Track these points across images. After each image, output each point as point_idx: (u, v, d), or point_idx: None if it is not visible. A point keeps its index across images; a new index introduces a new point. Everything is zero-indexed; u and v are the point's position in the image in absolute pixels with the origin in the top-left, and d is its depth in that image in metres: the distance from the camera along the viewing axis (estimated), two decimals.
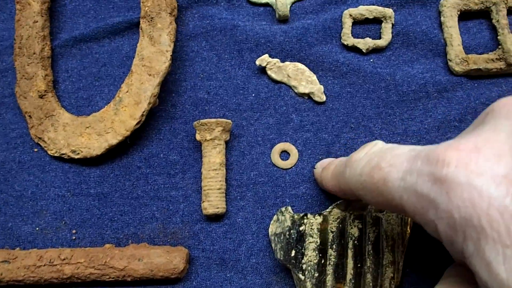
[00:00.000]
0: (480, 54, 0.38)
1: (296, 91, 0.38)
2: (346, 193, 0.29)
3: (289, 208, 0.33)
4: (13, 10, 0.43)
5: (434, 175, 0.19)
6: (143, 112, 0.36)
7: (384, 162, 0.23)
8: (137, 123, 0.36)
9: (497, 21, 0.37)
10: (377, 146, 0.26)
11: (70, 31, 0.42)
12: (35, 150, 0.39)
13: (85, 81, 0.40)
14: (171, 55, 0.37)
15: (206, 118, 0.38)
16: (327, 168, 0.32)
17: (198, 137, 0.36)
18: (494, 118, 0.21)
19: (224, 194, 0.36)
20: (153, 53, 0.37)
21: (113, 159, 0.38)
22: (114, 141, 0.37)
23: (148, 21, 0.38)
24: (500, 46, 0.36)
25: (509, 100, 0.22)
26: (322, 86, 0.38)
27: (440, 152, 0.20)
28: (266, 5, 0.41)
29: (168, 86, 0.39)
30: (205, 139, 0.36)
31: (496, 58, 0.36)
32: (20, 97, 0.39)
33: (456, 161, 0.19)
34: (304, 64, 0.39)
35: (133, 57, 0.40)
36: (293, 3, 0.40)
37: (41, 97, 0.39)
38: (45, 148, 0.38)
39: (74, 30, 0.42)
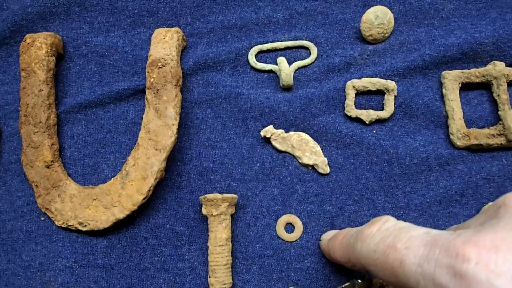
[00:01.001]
0: (481, 127, 0.38)
1: (300, 161, 0.39)
2: (355, 266, 0.29)
3: None
4: (17, 72, 0.43)
5: (454, 268, 0.20)
6: (150, 187, 0.37)
7: (400, 243, 0.24)
8: (144, 198, 0.37)
9: (498, 95, 0.37)
10: (390, 222, 0.27)
11: (75, 96, 0.42)
12: (42, 218, 0.39)
13: (91, 148, 0.41)
14: (177, 128, 0.37)
15: (211, 188, 0.39)
16: (335, 239, 0.33)
17: (204, 211, 0.37)
18: (508, 215, 0.22)
19: (231, 269, 0.36)
20: (159, 126, 0.38)
21: (120, 230, 0.38)
22: (121, 215, 0.37)
23: (154, 93, 0.38)
24: (500, 122, 0.37)
25: None
26: (326, 159, 0.38)
27: (459, 246, 0.21)
28: (270, 71, 0.41)
29: (174, 154, 0.40)
30: (211, 214, 0.36)
31: (497, 134, 0.37)
32: (27, 166, 0.40)
33: (476, 258, 0.20)
34: (308, 133, 0.39)
35: (139, 123, 0.41)
36: (296, 70, 0.41)
37: (47, 167, 0.39)
38: (52, 219, 0.39)
39: (79, 95, 0.42)
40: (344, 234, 0.32)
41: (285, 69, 0.39)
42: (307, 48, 0.41)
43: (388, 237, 0.25)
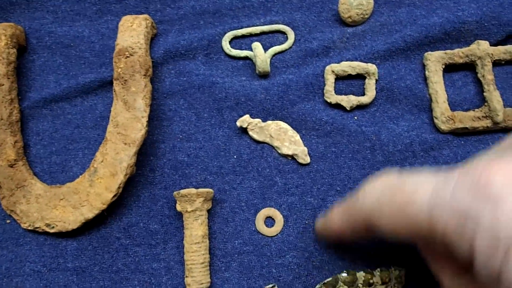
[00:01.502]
0: (466, 110, 0.37)
1: (279, 151, 0.37)
2: (354, 226, 0.28)
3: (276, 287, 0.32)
4: None
5: (477, 190, 0.19)
6: (120, 184, 0.34)
7: (408, 186, 0.23)
8: (114, 196, 0.35)
9: (483, 76, 0.36)
10: (392, 174, 0.25)
11: (40, 90, 0.39)
12: (8, 221, 0.37)
13: (58, 145, 0.38)
14: (147, 121, 0.35)
15: (186, 183, 0.37)
16: (331, 210, 0.31)
17: (178, 207, 0.35)
18: None
19: (208, 267, 0.34)
20: (128, 119, 0.35)
21: (90, 230, 0.36)
22: (90, 214, 0.35)
23: (122, 84, 0.36)
24: (486, 103, 0.35)
25: None
26: (306, 148, 0.36)
27: (482, 168, 0.20)
28: (246, 58, 0.39)
29: (146, 148, 0.38)
30: (186, 211, 0.34)
31: (482, 116, 0.35)
32: None
33: (502, 178, 0.19)
34: (286, 122, 0.37)
35: (108, 117, 0.38)
36: (273, 56, 0.39)
37: (11, 166, 0.37)
38: (18, 221, 0.36)
39: (44, 89, 0.39)
40: (341, 203, 0.31)
41: (261, 55, 0.37)
42: (283, 33, 0.39)
43: (394, 184, 0.24)
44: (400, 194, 0.23)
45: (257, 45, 0.37)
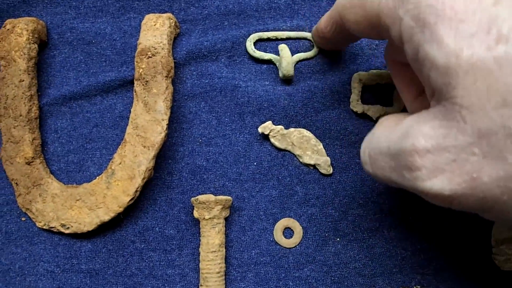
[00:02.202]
0: None
1: (301, 160, 0.36)
2: (333, 24, 0.31)
3: None
4: None
5: None
6: (137, 188, 0.34)
7: None
8: (131, 199, 0.34)
9: None
10: None
11: (60, 87, 0.39)
12: (23, 219, 0.37)
13: (76, 143, 0.38)
14: (167, 124, 0.34)
15: (204, 188, 0.36)
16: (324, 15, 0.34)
17: (196, 214, 0.34)
18: None
19: (224, 277, 0.33)
20: (148, 121, 0.35)
21: (105, 232, 0.36)
22: (106, 217, 0.34)
23: (143, 85, 0.35)
24: None
25: None
26: (329, 158, 0.35)
27: None
28: (269, 62, 0.38)
29: (164, 151, 0.37)
30: (204, 218, 0.34)
31: None
32: (6, 163, 0.37)
33: None
34: (310, 130, 0.36)
35: (127, 117, 0.38)
36: (297, 62, 0.37)
37: (28, 163, 0.36)
38: (33, 220, 0.36)
39: (64, 86, 0.39)
40: None
41: (287, 57, 0.35)
42: (310, 40, 0.38)
43: None
44: None
45: (283, 47, 0.36)
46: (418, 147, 0.20)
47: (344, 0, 0.28)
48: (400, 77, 0.30)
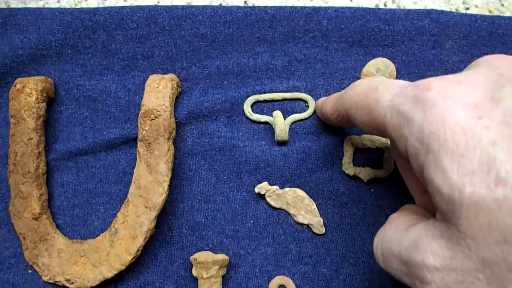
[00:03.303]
0: None
1: (295, 219, 0.38)
2: (339, 114, 0.32)
3: None
4: (7, 115, 0.42)
5: (417, 97, 0.23)
6: (139, 247, 0.36)
7: (382, 87, 0.26)
8: (133, 258, 0.36)
9: None
10: (381, 77, 0.29)
11: (66, 142, 0.41)
12: (29, 271, 0.38)
13: (81, 198, 0.40)
14: (168, 185, 0.36)
15: (203, 244, 0.38)
16: (329, 96, 0.36)
17: (194, 273, 0.36)
18: (477, 66, 0.24)
19: None
20: (150, 182, 0.36)
21: (108, 287, 0.37)
22: (109, 274, 0.36)
23: (146, 146, 0.37)
24: None
25: (491, 55, 0.25)
26: (321, 219, 0.37)
27: (427, 81, 0.23)
28: (266, 123, 0.40)
29: (165, 207, 0.39)
30: (202, 277, 0.35)
31: None
32: (14, 217, 0.39)
33: (439, 88, 0.22)
34: (304, 190, 0.38)
35: (130, 173, 0.40)
36: (292, 123, 0.39)
37: (35, 219, 0.38)
38: (39, 273, 0.38)
39: (70, 141, 0.41)
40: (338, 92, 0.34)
41: (280, 125, 0.37)
42: (305, 101, 0.40)
43: (374, 84, 0.27)
44: (372, 95, 0.26)
45: (277, 114, 0.38)
46: (427, 264, 0.21)
47: (351, 99, 0.29)
48: (407, 173, 0.31)
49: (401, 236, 0.25)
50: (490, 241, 0.19)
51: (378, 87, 0.26)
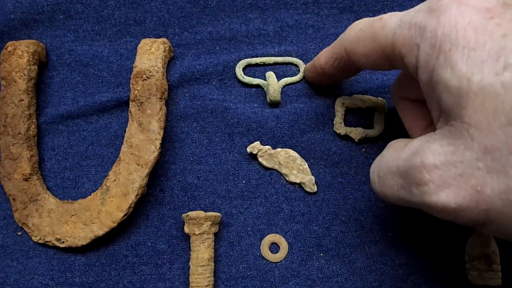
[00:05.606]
0: None
1: (287, 179, 0.38)
2: (336, 58, 0.33)
3: None
4: None
5: (431, 7, 0.23)
6: (131, 204, 0.35)
7: (386, 16, 0.27)
8: (124, 215, 0.36)
9: None
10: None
11: (57, 106, 0.41)
12: (19, 233, 0.38)
13: (72, 161, 0.39)
14: (160, 143, 0.36)
15: (195, 205, 0.38)
16: (319, 53, 0.36)
17: (186, 230, 0.35)
18: None
19: None
20: (142, 140, 0.36)
21: (99, 247, 0.37)
22: (100, 232, 0.36)
23: (138, 106, 0.37)
24: None
25: None
26: (313, 177, 0.37)
27: None
28: (258, 86, 0.40)
29: (157, 169, 0.39)
30: (194, 233, 0.35)
31: None
32: (4, 179, 0.38)
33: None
34: (295, 150, 0.38)
35: (122, 136, 0.40)
36: (284, 86, 0.40)
37: (25, 180, 0.38)
38: (29, 234, 0.37)
39: (61, 105, 0.41)
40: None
41: (274, 84, 0.38)
42: (296, 65, 0.40)
43: (376, 17, 0.28)
44: (377, 23, 0.27)
45: (270, 74, 0.38)
46: (426, 163, 0.22)
47: (351, 35, 0.30)
48: (407, 113, 0.32)
49: (400, 152, 0.25)
50: (494, 126, 0.20)
51: (382, 16, 0.27)
